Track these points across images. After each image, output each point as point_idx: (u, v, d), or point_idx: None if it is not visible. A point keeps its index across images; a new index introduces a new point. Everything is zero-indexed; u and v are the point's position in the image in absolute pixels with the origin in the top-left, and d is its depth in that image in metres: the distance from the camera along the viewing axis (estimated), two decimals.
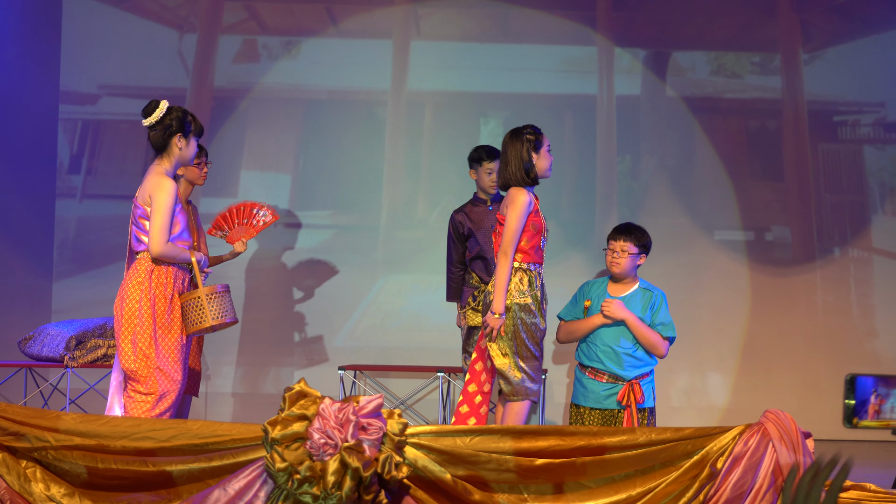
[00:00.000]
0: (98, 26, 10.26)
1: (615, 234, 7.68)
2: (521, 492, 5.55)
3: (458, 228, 8.31)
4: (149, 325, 6.37)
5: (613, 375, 7.48)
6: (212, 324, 6.43)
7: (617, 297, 7.61)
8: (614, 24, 10.25)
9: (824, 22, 10.33)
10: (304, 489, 5.36)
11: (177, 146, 6.54)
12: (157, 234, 6.39)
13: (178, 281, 6.50)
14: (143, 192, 6.49)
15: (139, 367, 6.33)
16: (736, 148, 10.18)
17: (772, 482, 5.43)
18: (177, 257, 6.44)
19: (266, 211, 7.40)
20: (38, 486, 5.71)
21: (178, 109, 6.59)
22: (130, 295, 6.44)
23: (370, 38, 10.35)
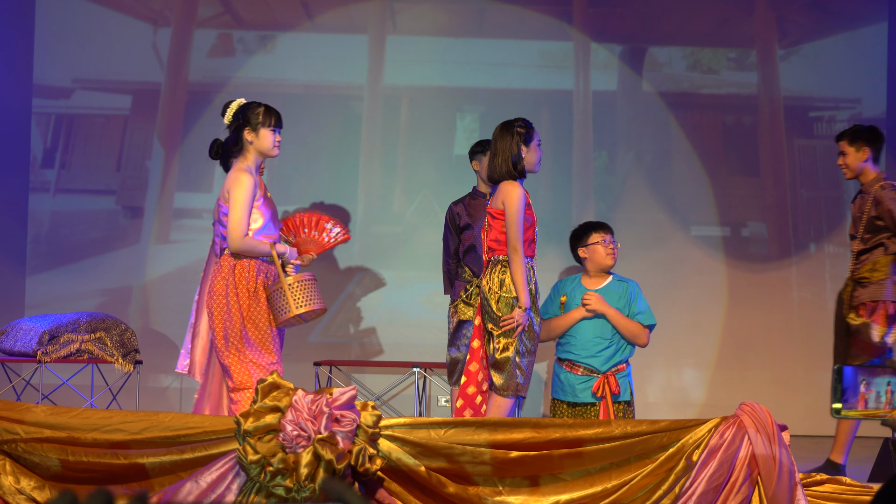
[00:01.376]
0: (72, 19, 10.20)
1: (604, 229, 7.78)
2: (496, 484, 5.53)
3: (456, 220, 8.27)
4: (237, 319, 6.35)
5: (589, 368, 7.54)
6: (296, 312, 6.34)
7: (593, 290, 7.69)
8: (591, 19, 10.24)
9: (800, 18, 10.33)
10: (277, 481, 5.33)
11: (247, 140, 6.53)
12: (234, 229, 6.37)
13: (261, 274, 6.44)
14: (223, 190, 6.47)
15: (232, 362, 6.31)
16: (712, 143, 10.18)
17: (748, 474, 5.42)
18: (255, 250, 6.41)
19: (339, 229, 7.18)
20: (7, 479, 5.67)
21: (248, 104, 6.60)
22: (217, 291, 6.41)
23: (346, 33, 10.32)
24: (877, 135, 7.57)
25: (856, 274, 7.49)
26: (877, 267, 7.40)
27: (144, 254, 10.11)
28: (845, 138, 7.59)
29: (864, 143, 7.53)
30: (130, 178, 10.18)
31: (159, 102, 10.19)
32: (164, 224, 10.11)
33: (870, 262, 7.43)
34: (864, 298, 7.39)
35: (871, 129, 7.58)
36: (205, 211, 10.13)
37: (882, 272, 7.38)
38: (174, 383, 10.02)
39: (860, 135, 7.56)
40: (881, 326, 7.32)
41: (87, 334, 8.55)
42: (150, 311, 10.06)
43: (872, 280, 7.39)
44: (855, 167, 7.57)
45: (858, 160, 7.54)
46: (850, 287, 7.53)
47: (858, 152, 7.54)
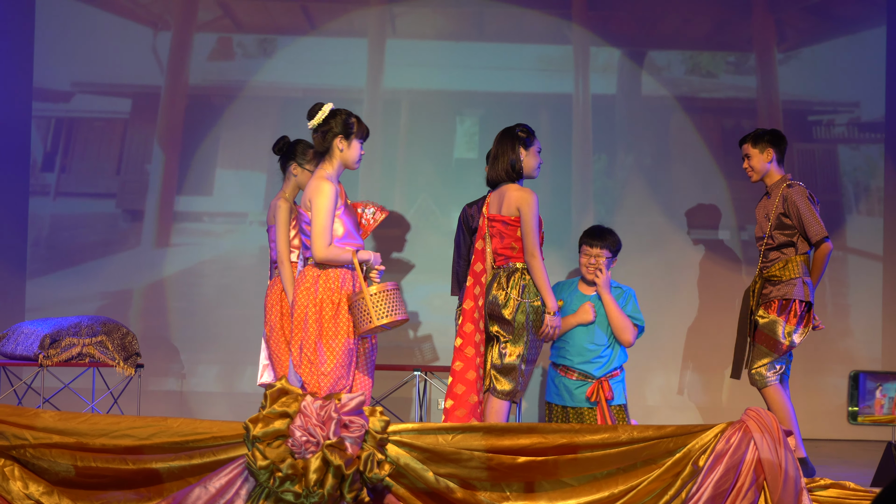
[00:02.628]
0: (71, 23, 10.20)
1: (591, 239, 7.78)
2: (504, 489, 5.56)
3: (469, 221, 8.27)
4: (314, 331, 6.31)
5: (583, 374, 7.58)
6: (377, 323, 6.27)
7: (589, 297, 7.74)
8: (590, 22, 10.26)
9: (799, 21, 10.35)
10: (286, 487, 5.35)
11: (338, 148, 6.46)
12: (318, 238, 6.32)
13: (346, 284, 6.41)
14: (304, 198, 6.43)
15: (305, 373, 6.27)
16: (711, 147, 10.20)
17: (754, 479, 5.45)
18: (339, 258, 6.36)
19: (373, 209, 7.18)
20: (16, 484, 5.68)
21: (341, 112, 6.50)
22: (298, 302, 6.37)
23: (346, 37, 10.32)
24: (779, 137, 7.72)
25: (766, 272, 7.55)
26: (788, 266, 7.48)
27: (145, 257, 10.11)
28: (748, 141, 7.72)
29: (767, 144, 7.66)
30: (130, 182, 10.18)
31: (159, 106, 10.19)
32: (164, 227, 10.12)
33: (781, 260, 7.51)
34: (775, 296, 7.46)
35: (774, 132, 7.72)
36: (205, 214, 10.14)
37: (793, 271, 7.45)
38: (175, 386, 10.03)
39: (762, 137, 7.68)
40: (789, 325, 7.38)
41: (89, 338, 8.56)
42: (151, 315, 10.06)
43: (783, 278, 7.47)
44: (760, 169, 7.69)
45: (763, 161, 7.67)
46: (759, 284, 7.59)
47: (763, 154, 7.66)
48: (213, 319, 10.05)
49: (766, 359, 7.45)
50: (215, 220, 10.16)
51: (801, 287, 7.40)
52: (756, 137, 7.69)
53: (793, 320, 7.38)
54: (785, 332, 7.37)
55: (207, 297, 10.10)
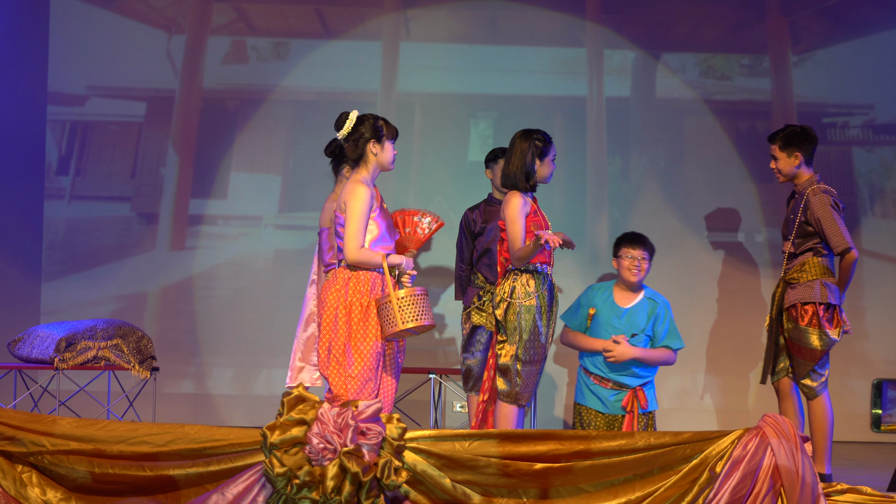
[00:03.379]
0: (86, 27, 10.22)
1: (633, 243, 7.84)
2: (521, 496, 5.56)
3: (471, 226, 8.28)
4: (343, 333, 6.29)
5: (618, 384, 7.65)
6: (402, 327, 6.24)
7: (624, 308, 7.79)
8: (604, 25, 10.25)
9: (813, 24, 10.34)
10: (304, 494, 5.36)
11: (372, 152, 6.48)
12: (350, 241, 6.32)
13: (376, 288, 6.39)
14: (339, 201, 6.44)
15: (331, 374, 6.25)
16: (725, 150, 10.19)
17: (771, 486, 5.44)
18: (370, 261, 6.35)
19: (429, 218, 7.16)
20: (34, 490, 5.70)
21: (369, 117, 6.51)
22: (328, 303, 6.37)
23: (359, 40, 10.33)
24: (809, 136, 7.50)
25: (787, 275, 7.46)
26: (805, 268, 7.37)
27: (159, 260, 10.13)
28: (777, 142, 7.52)
29: (795, 149, 7.45)
30: (145, 185, 10.20)
31: (174, 109, 10.21)
32: (178, 231, 10.14)
33: (798, 262, 7.40)
34: (793, 300, 7.36)
35: (804, 131, 7.52)
36: (220, 217, 10.15)
37: (811, 273, 7.35)
38: (190, 389, 10.05)
39: (792, 139, 7.48)
40: (814, 328, 7.28)
41: (104, 341, 8.57)
42: (166, 318, 10.08)
43: (801, 281, 7.36)
44: (787, 172, 7.50)
45: (790, 166, 7.47)
46: (781, 288, 7.50)
47: (790, 158, 7.47)
48: (228, 322, 10.07)
49: (806, 369, 7.33)
50: (230, 223, 10.17)
51: (819, 289, 7.30)
52: (784, 140, 7.49)
53: (815, 323, 7.29)
54: (814, 338, 7.28)
55: (222, 300, 10.12)
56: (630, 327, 7.74)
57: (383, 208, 6.57)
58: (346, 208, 6.38)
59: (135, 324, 9.06)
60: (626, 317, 7.77)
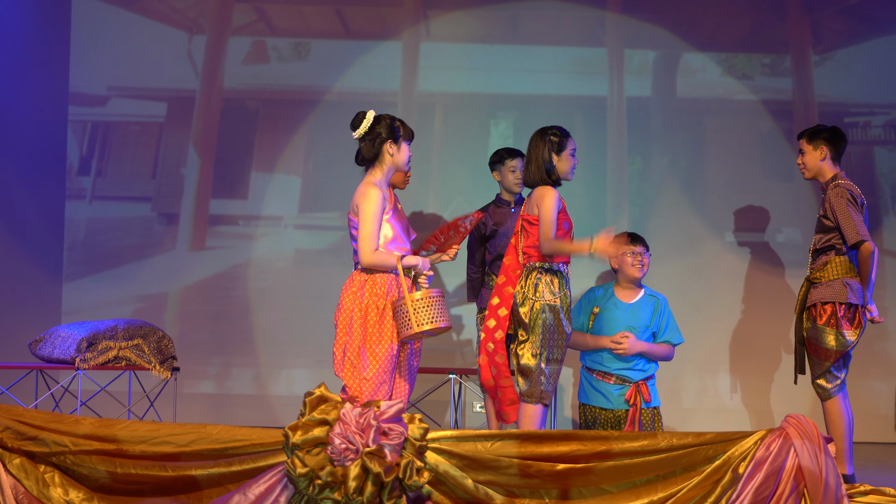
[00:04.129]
0: (107, 28, 10.25)
1: (633, 240, 7.93)
2: (543, 496, 5.55)
3: (480, 229, 8.28)
4: (358, 335, 6.29)
5: (621, 377, 7.69)
6: (418, 330, 6.23)
7: (627, 304, 7.86)
8: (624, 25, 10.24)
9: (835, 23, 10.31)
10: (326, 494, 5.36)
11: (388, 153, 6.47)
12: (364, 244, 6.32)
13: (392, 290, 6.38)
14: (352, 204, 6.44)
15: (346, 376, 6.25)
16: (747, 149, 10.17)
17: (794, 487, 5.43)
18: (386, 263, 6.34)
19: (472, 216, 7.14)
20: (56, 490, 5.71)
21: (386, 117, 6.50)
22: (345, 305, 6.37)
23: (379, 40, 10.34)
24: (838, 135, 7.49)
25: (811, 274, 7.44)
26: (828, 267, 7.34)
27: (180, 261, 10.15)
28: (805, 136, 7.53)
29: (822, 142, 7.44)
30: (166, 185, 10.22)
31: (194, 110, 10.23)
32: (199, 231, 10.16)
33: (821, 262, 7.38)
34: (815, 299, 7.33)
35: (833, 129, 7.52)
36: (240, 217, 10.17)
37: (833, 272, 7.31)
38: (211, 389, 10.07)
39: (819, 134, 7.49)
40: (832, 329, 7.24)
41: (125, 341, 8.59)
42: (186, 318, 10.10)
43: (823, 280, 7.33)
44: (811, 166, 7.47)
45: (815, 159, 7.45)
46: (805, 287, 7.48)
47: (816, 151, 7.46)
48: (248, 323, 10.08)
49: (821, 369, 7.30)
50: (250, 223, 10.19)
51: (840, 288, 7.26)
52: (812, 133, 7.48)
53: (833, 323, 7.26)
54: (831, 338, 7.25)
55: (242, 300, 10.13)
56: (635, 322, 7.82)
57: (397, 209, 6.56)
58: (359, 211, 6.37)
59: (155, 324, 9.08)
60: (631, 311, 7.86)
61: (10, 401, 8.53)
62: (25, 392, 9.10)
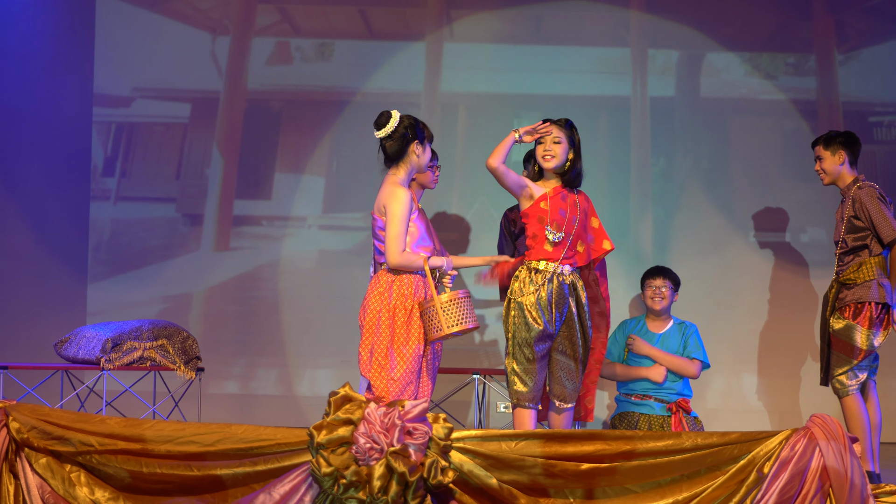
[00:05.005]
0: (131, 29, 10.28)
1: (653, 274, 8.39)
2: (567, 496, 5.54)
3: (511, 227, 8.28)
4: (386, 336, 6.31)
5: (659, 398, 8.15)
6: (448, 332, 6.27)
7: (657, 334, 8.29)
8: (648, 25, 10.23)
9: (859, 22, 10.28)
10: (350, 494, 5.37)
11: (414, 153, 6.50)
12: (392, 245, 6.34)
13: (419, 291, 6.41)
14: (378, 204, 6.45)
15: (374, 377, 6.27)
16: (771, 149, 10.15)
17: (819, 487, 5.41)
18: (413, 264, 6.37)
19: None
20: (82, 490, 5.73)
21: (409, 118, 6.53)
22: (371, 306, 6.39)
23: (403, 41, 10.35)
24: (853, 139, 7.52)
25: (841, 276, 7.41)
26: (862, 268, 7.33)
27: (204, 261, 10.18)
28: (820, 143, 7.55)
29: (839, 147, 7.48)
30: (190, 186, 10.25)
31: (218, 110, 10.26)
32: (223, 231, 10.18)
33: (855, 263, 7.36)
34: (849, 300, 7.31)
35: (847, 134, 7.55)
36: (264, 218, 10.19)
37: (867, 273, 7.30)
38: (235, 390, 10.09)
39: (835, 139, 7.51)
40: (865, 328, 7.25)
41: (150, 342, 8.61)
42: (211, 318, 10.13)
43: (857, 281, 7.32)
44: (831, 171, 7.51)
45: (835, 164, 7.49)
46: (835, 289, 7.46)
47: (834, 156, 7.49)
48: (272, 323, 10.10)
49: (846, 366, 7.29)
50: (274, 224, 10.21)
51: (877, 289, 7.25)
52: (828, 139, 7.53)
53: (866, 323, 7.26)
54: (862, 337, 7.25)
55: (266, 300, 10.15)
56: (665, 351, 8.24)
57: (421, 209, 6.58)
58: (387, 211, 6.37)
59: (180, 324, 9.10)
60: (661, 342, 8.25)
61: (36, 401, 8.56)
62: (51, 392, 9.13)
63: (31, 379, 9.16)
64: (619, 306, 9.85)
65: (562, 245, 6.81)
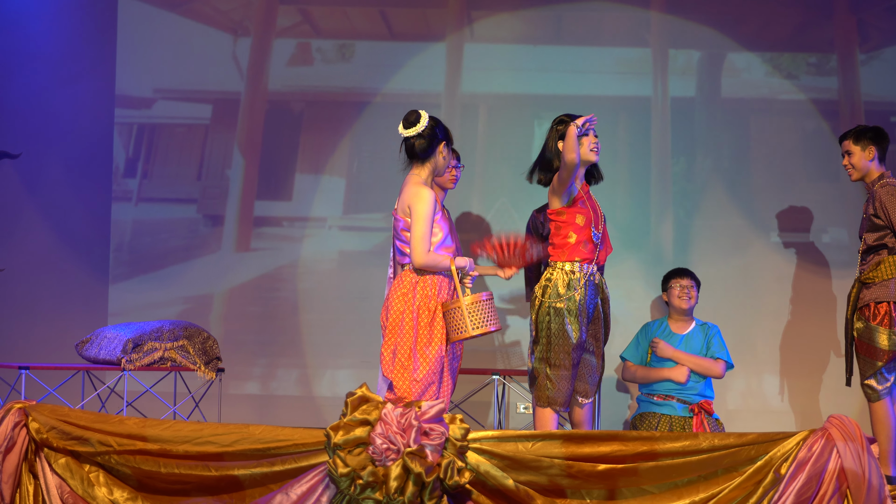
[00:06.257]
0: (153, 31, 10.31)
1: (679, 275, 8.50)
2: (584, 497, 5.56)
3: (539, 228, 8.28)
4: (409, 336, 6.32)
5: (681, 399, 8.19)
6: (472, 334, 6.29)
7: (680, 335, 8.37)
8: (668, 25, 10.21)
9: (881, 22, 10.23)
10: (367, 494, 5.38)
11: (441, 154, 6.55)
12: (417, 245, 6.36)
13: (443, 291, 6.44)
14: (402, 204, 6.47)
15: (396, 377, 6.27)
16: (792, 149, 10.11)
17: (836, 488, 5.40)
18: (438, 265, 6.39)
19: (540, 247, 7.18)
20: (101, 490, 5.76)
21: (436, 118, 6.58)
22: (394, 306, 6.41)
23: (424, 41, 10.35)
24: (882, 134, 7.40)
25: (862, 275, 7.34)
26: (881, 267, 7.24)
27: (225, 262, 10.19)
28: (850, 137, 7.42)
29: (869, 142, 7.34)
30: (211, 187, 10.27)
31: (239, 112, 10.27)
32: (244, 232, 10.20)
33: (874, 261, 7.29)
34: (868, 299, 7.22)
35: (876, 129, 7.43)
36: (284, 219, 10.20)
37: (886, 272, 7.21)
38: (255, 390, 10.10)
39: (865, 134, 7.40)
40: (885, 328, 7.15)
41: (171, 342, 8.63)
42: (231, 319, 10.14)
43: (876, 280, 7.23)
44: (861, 166, 7.36)
45: (864, 159, 7.35)
46: (856, 289, 7.39)
47: (864, 151, 7.36)
48: (293, 324, 10.11)
49: (871, 370, 7.20)
50: (294, 225, 10.22)
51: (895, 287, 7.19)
52: (858, 134, 7.40)
53: (886, 323, 7.18)
54: (883, 338, 7.16)
55: (287, 301, 10.16)
56: (689, 351, 8.30)
57: (444, 210, 6.59)
58: (412, 212, 6.38)
59: (200, 325, 9.12)
60: (684, 343, 8.32)
61: (57, 401, 8.58)
62: (72, 393, 9.16)
63: (52, 379, 9.19)
64: (639, 307, 9.84)
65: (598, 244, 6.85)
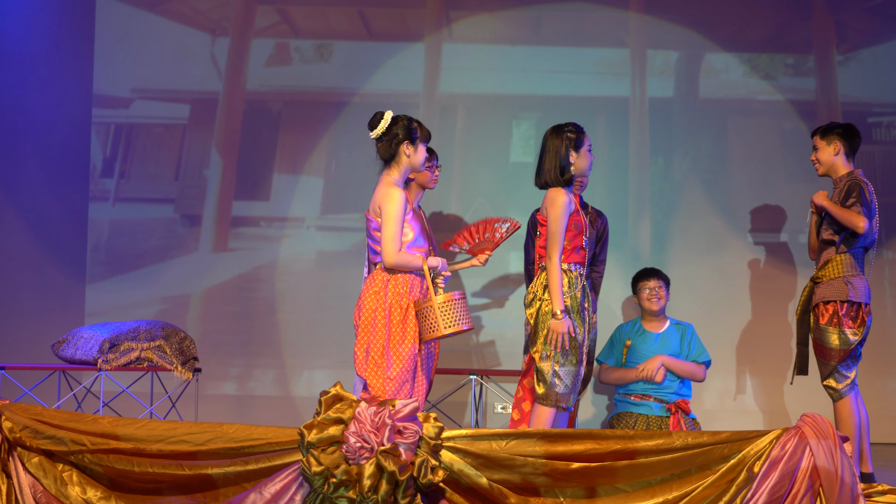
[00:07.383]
0: (131, 30, 10.29)
1: (646, 276, 8.47)
2: (558, 495, 5.55)
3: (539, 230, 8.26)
4: (382, 335, 6.32)
5: (658, 398, 8.22)
6: (444, 332, 6.28)
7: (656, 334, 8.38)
8: (647, 25, 10.23)
9: (859, 23, 10.27)
10: (340, 493, 5.38)
11: (405, 154, 6.51)
12: (388, 245, 6.35)
13: (414, 290, 6.42)
14: (373, 204, 6.47)
15: (370, 376, 6.27)
16: (770, 150, 10.14)
17: (809, 486, 5.41)
18: (410, 264, 6.38)
19: (508, 224, 7.24)
20: (74, 489, 5.74)
21: (403, 118, 6.54)
22: (367, 305, 6.40)
23: (402, 41, 10.35)
24: (852, 131, 7.39)
25: (814, 274, 7.34)
26: (828, 266, 7.23)
27: (202, 262, 10.18)
28: (818, 133, 7.44)
29: (836, 137, 7.34)
30: (188, 187, 10.26)
31: (217, 111, 10.26)
32: (221, 232, 10.19)
33: (823, 259, 7.29)
34: (817, 299, 7.23)
35: (847, 126, 7.43)
36: (262, 219, 10.20)
37: (834, 270, 7.21)
38: (233, 390, 10.09)
39: (833, 129, 7.39)
40: (833, 327, 7.16)
41: (147, 342, 8.61)
42: (209, 319, 10.13)
43: (824, 279, 7.24)
44: (825, 161, 7.37)
45: (829, 154, 7.35)
46: (809, 288, 7.39)
47: (830, 146, 7.36)
48: (270, 324, 10.11)
49: (827, 370, 7.22)
50: (272, 225, 10.22)
51: (842, 286, 7.17)
52: (826, 129, 7.39)
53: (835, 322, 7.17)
54: (833, 338, 7.18)
55: (264, 301, 10.16)
56: (666, 350, 8.30)
57: (415, 210, 6.59)
58: (382, 212, 6.38)
59: (178, 325, 9.10)
60: (661, 341, 8.33)
61: (33, 402, 8.55)
62: (48, 393, 9.15)
63: (28, 379, 9.17)
64: (614, 307, 9.87)
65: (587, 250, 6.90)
